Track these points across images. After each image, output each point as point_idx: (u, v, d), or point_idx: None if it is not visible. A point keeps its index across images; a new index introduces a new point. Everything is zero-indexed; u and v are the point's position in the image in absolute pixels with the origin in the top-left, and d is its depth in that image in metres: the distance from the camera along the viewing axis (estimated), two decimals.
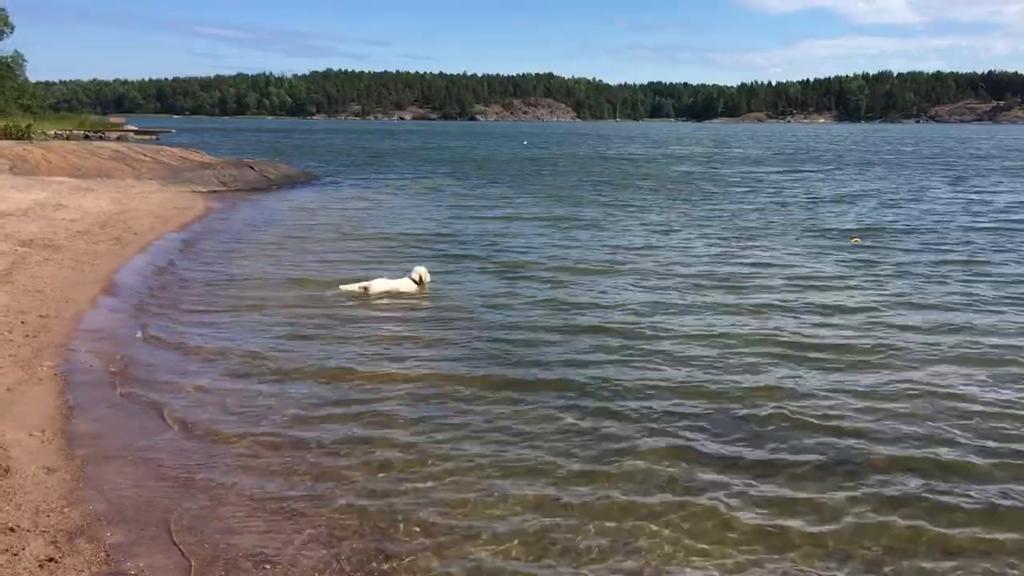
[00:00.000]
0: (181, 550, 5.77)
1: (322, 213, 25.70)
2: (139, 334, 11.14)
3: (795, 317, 12.53)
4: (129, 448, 7.49)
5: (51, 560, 5.52)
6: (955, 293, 14.38)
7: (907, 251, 18.90)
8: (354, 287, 13.87)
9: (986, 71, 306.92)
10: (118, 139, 57.35)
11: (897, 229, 22.65)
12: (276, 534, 6.05)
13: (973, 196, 32.83)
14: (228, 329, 11.67)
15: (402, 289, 13.89)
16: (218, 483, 6.84)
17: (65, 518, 6.10)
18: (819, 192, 34.54)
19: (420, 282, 14.05)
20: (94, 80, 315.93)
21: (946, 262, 17.51)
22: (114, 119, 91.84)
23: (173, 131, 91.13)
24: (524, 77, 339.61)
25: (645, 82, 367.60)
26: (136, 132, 75.56)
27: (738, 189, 36.00)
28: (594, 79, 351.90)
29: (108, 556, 5.64)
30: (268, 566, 5.62)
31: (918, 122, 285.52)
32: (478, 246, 19.28)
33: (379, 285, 13.84)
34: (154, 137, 72.38)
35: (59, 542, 5.75)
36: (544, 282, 15.12)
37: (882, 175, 45.33)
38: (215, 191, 31.07)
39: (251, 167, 37.05)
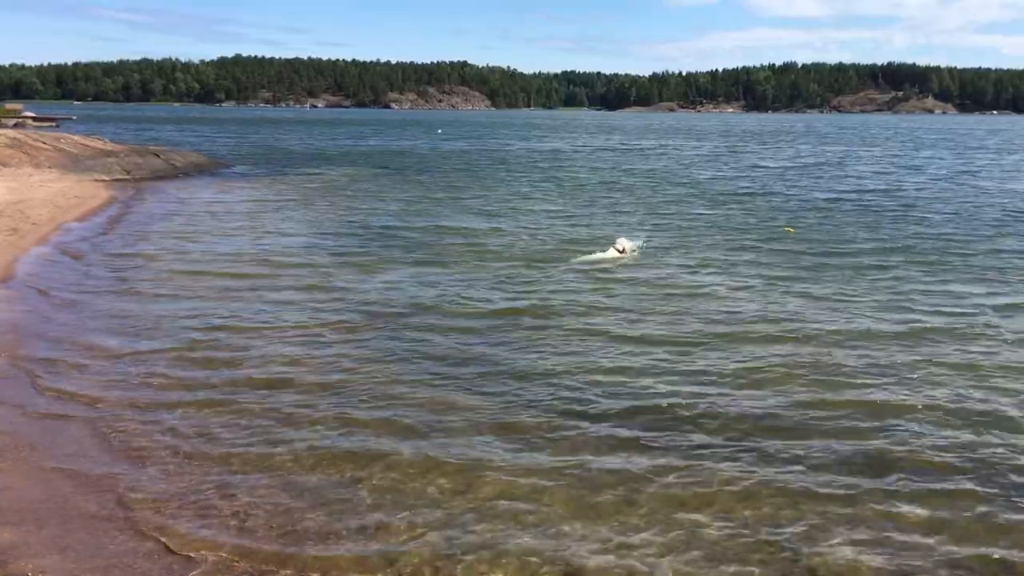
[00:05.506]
0: (76, 550, 5.63)
1: (219, 206, 25.17)
2: None
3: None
4: (25, 446, 7.26)
5: None
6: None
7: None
8: (583, 258, 16.02)
9: (886, 63, 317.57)
10: (15, 126, 54.75)
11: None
12: (180, 524, 5.98)
13: None
14: (130, 320, 11.37)
15: (607, 256, 15.93)
16: (118, 480, 6.70)
17: None
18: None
19: (623, 251, 16.03)
20: None
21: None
22: (10, 105, 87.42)
23: (74, 118, 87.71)
24: (439, 65, 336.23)
25: (559, 71, 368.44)
26: (34, 119, 72.07)
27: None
28: (509, 68, 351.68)
29: (0, 556, 5.47)
30: (171, 558, 5.55)
31: (822, 112, 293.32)
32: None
33: (585, 257, 16.02)
34: (54, 124, 69.50)
35: None
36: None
37: None
38: (119, 179, 30.12)
39: (157, 155, 36.02)
